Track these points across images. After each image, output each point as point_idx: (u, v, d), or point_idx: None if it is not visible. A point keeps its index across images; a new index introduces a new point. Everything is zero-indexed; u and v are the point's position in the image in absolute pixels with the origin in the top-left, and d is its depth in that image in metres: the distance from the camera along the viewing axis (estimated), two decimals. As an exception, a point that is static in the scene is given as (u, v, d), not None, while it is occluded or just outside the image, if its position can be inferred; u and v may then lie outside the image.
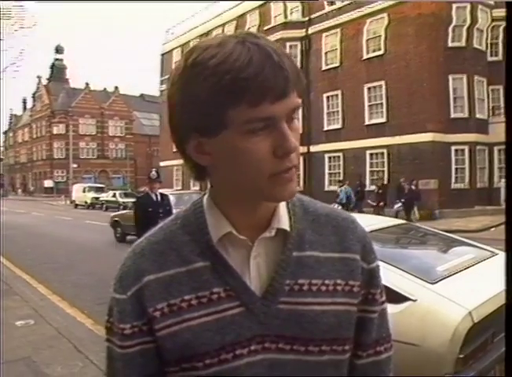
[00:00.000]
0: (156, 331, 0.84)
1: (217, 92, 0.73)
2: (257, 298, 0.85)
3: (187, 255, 0.86)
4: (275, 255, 0.87)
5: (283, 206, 0.89)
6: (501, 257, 3.79)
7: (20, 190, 63.57)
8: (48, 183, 58.95)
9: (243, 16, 30.35)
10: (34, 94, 67.99)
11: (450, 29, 21.50)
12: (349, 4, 23.84)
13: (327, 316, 0.86)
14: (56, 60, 66.58)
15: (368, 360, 0.95)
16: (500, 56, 23.82)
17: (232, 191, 0.85)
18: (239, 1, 30.37)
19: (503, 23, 22.85)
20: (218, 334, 0.83)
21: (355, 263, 0.90)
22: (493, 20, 22.92)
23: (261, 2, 28.73)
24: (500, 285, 3.11)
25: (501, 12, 22.64)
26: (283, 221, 0.88)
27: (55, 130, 61.62)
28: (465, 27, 21.69)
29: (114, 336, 0.88)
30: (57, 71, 65.51)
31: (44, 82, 65.46)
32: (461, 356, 2.63)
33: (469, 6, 21.62)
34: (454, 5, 21.43)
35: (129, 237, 13.75)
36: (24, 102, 76.25)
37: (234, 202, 0.86)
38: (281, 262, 0.87)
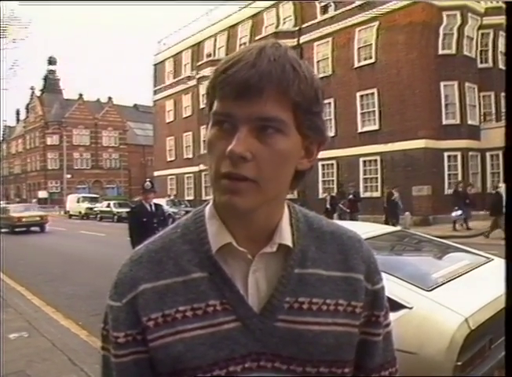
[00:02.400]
0: (149, 341, 0.81)
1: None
2: (254, 314, 0.82)
3: (185, 265, 0.84)
4: (276, 271, 0.84)
5: (286, 221, 0.87)
6: (496, 262, 3.81)
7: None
8: (42, 194, 58.62)
9: (234, 26, 30.51)
10: (27, 105, 67.80)
11: (440, 37, 21.72)
12: (340, 13, 24.03)
13: (326, 336, 0.83)
14: (49, 71, 66.52)
15: None
16: (490, 63, 24.07)
17: None
18: (232, 11, 30.49)
19: (492, 31, 23.26)
20: (212, 349, 0.80)
21: (358, 283, 0.87)
22: (483, 28, 23.19)
23: (254, 12, 28.90)
24: (496, 291, 3.10)
25: (490, 20, 22.95)
26: (286, 236, 0.85)
27: (49, 141, 61.44)
28: (455, 35, 21.91)
29: (109, 344, 0.86)
30: (50, 83, 65.36)
31: (37, 93, 65.37)
32: (459, 363, 2.62)
33: (459, 14, 21.86)
34: (444, 13, 21.66)
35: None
36: (18, 113, 76.01)
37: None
38: (281, 279, 0.84)
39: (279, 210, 0.86)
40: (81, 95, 63.92)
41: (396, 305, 2.81)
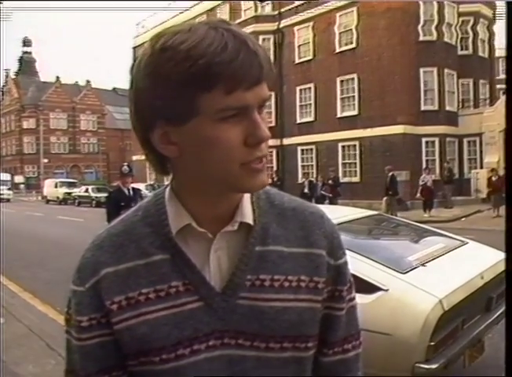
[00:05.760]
0: (114, 324, 0.82)
1: (189, 77, 0.70)
2: (216, 293, 0.83)
3: (146, 247, 0.84)
4: (237, 250, 0.85)
5: (247, 199, 0.86)
6: (470, 245, 3.88)
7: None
8: (18, 178, 57.72)
9: (213, 9, 30.17)
10: (2, 88, 66.40)
11: (420, 23, 21.81)
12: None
13: (288, 312, 0.84)
14: (25, 53, 65.10)
15: (335, 358, 0.92)
16: (470, 50, 24.30)
17: (197, 182, 0.81)
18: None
19: (472, 18, 23.50)
20: (175, 329, 0.81)
21: (320, 259, 0.87)
22: (463, 15, 23.39)
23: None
24: (470, 273, 3.18)
25: (467, 8, 23.21)
26: (247, 214, 0.85)
27: (25, 125, 60.35)
28: (434, 22, 22.03)
29: (71, 328, 0.86)
30: (26, 65, 64.03)
31: (12, 75, 63.99)
32: (432, 343, 2.68)
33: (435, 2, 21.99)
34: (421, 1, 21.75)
35: None
36: (-8, 96, 74.39)
37: (197, 193, 0.83)
38: (243, 257, 0.84)
39: None
40: (58, 78, 62.79)
41: (371, 288, 2.86)
